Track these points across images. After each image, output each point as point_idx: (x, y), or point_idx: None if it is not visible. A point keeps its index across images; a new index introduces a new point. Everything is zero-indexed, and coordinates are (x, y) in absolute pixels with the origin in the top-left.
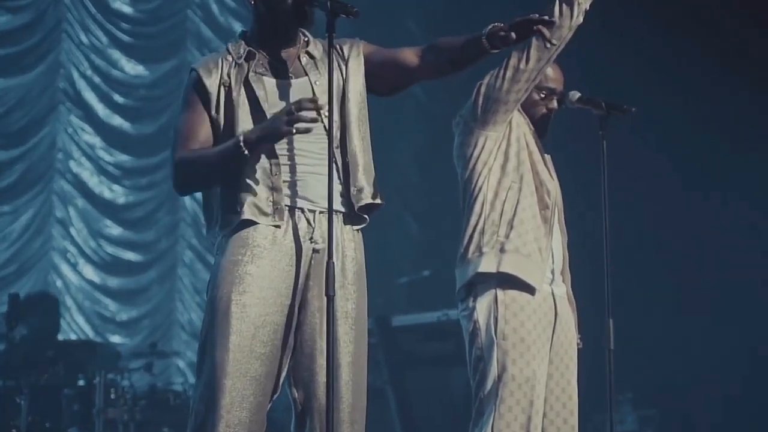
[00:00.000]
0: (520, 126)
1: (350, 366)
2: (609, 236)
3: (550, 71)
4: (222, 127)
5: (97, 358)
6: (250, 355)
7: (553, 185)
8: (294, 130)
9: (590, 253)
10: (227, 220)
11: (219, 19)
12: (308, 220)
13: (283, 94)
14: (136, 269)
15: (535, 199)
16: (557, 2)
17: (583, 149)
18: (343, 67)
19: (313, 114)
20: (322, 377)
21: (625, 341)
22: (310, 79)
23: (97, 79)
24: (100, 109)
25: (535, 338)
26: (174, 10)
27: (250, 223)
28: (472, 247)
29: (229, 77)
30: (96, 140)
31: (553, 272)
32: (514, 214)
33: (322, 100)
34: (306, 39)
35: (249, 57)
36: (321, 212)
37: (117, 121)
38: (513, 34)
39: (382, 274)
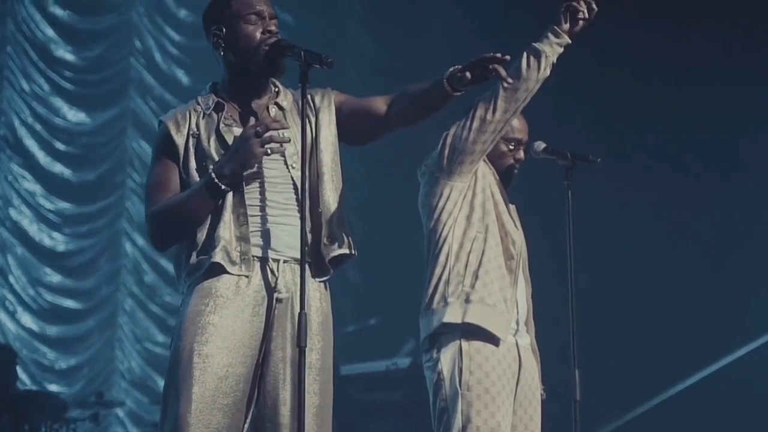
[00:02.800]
0: (485, 176)
1: (315, 417)
2: (574, 286)
3: (516, 122)
4: (191, 177)
5: (42, 409)
6: (212, 406)
7: (518, 235)
8: (269, 152)
9: (555, 303)
10: (198, 263)
11: (162, 66)
12: (272, 270)
13: None
14: (75, 317)
15: (500, 250)
16: (525, 55)
17: (549, 199)
18: (313, 119)
19: (284, 133)
20: (284, 428)
21: (589, 389)
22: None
23: (38, 127)
24: (41, 156)
25: (499, 389)
26: (116, 58)
27: (218, 270)
28: (437, 297)
29: (198, 128)
30: (36, 188)
31: (517, 322)
32: (480, 265)
33: (288, 151)
34: (276, 90)
35: (218, 108)
36: (285, 261)
37: (58, 168)
38: (468, 74)
39: None
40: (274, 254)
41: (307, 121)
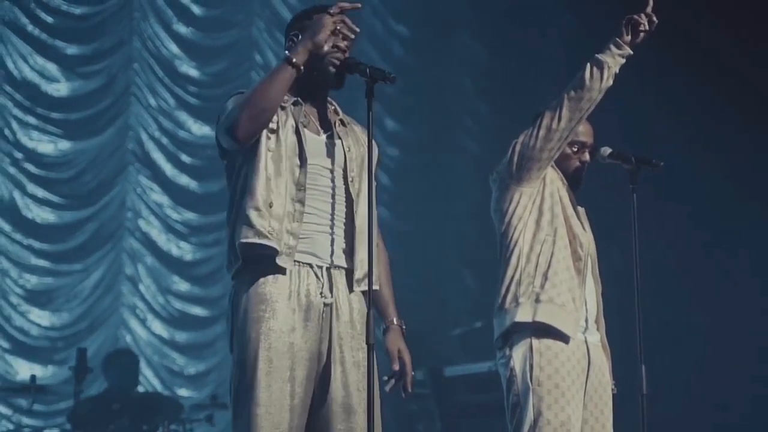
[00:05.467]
0: (553, 181)
1: (365, 413)
2: (640, 286)
3: (580, 126)
4: (264, 158)
5: (160, 411)
6: (281, 408)
7: (586, 237)
8: (338, 28)
9: (624, 302)
10: (250, 246)
11: None
12: (317, 276)
13: (320, 149)
14: (202, 324)
15: (568, 252)
16: (588, 65)
17: (615, 200)
18: (365, 145)
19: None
20: (337, 424)
21: (657, 386)
22: (343, 144)
23: (164, 140)
24: (168, 168)
25: (569, 384)
26: (238, 72)
27: (267, 268)
28: (509, 298)
29: (278, 118)
30: (164, 199)
31: (586, 321)
32: (549, 266)
33: (351, 167)
34: (333, 107)
35: (296, 104)
36: (328, 268)
37: (184, 180)
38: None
39: (436, 326)
40: (318, 261)
41: (354, 140)
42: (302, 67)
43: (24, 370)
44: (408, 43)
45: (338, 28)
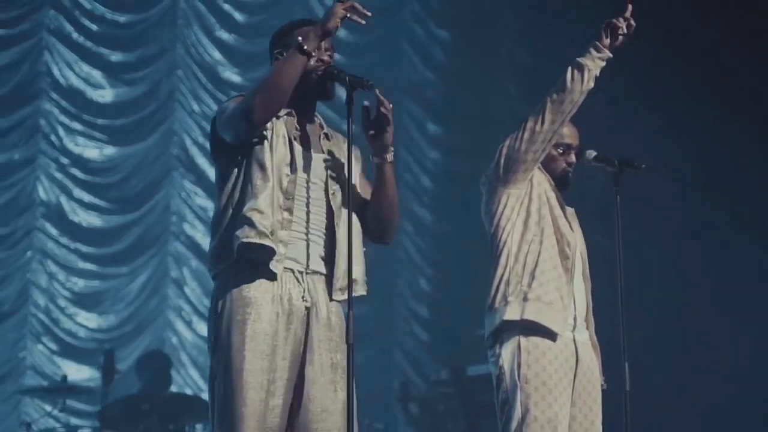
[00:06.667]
0: (541, 183)
1: (342, 413)
2: (623, 284)
3: (565, 128)
4: (269, 163)
5: (187, 410)
6: (265, 408)
7: (573, 237)
8: (348, 15)
9: (613, 301)
10: (249, 251)
11: None
12: (298, 280)
13: (306, 162)
14: None
15: (556, 251)
16: (569, 68)
17: (604, 202)
18: (345, 156)
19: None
20: (314, 423)
21: (640, 383)
22: (325, 159)
23: (208, 146)
24: (212, 173)
25: (556, 382)
26: None
27: (253, 271)
28: (498, 297)
29: (272, 125)
30: (208, 203)
31: (575, 319)
32: (536, 265)
33: (332, 181)
34: (319, 121)
35: (289, 115)
36: (307, 273)
37: None
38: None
39: (470, 325)
40: (298, 266)
41: (338, 151)
42: (313, 54)
43: (72, 371)
44: (450, 48)
45: (348, 15)
